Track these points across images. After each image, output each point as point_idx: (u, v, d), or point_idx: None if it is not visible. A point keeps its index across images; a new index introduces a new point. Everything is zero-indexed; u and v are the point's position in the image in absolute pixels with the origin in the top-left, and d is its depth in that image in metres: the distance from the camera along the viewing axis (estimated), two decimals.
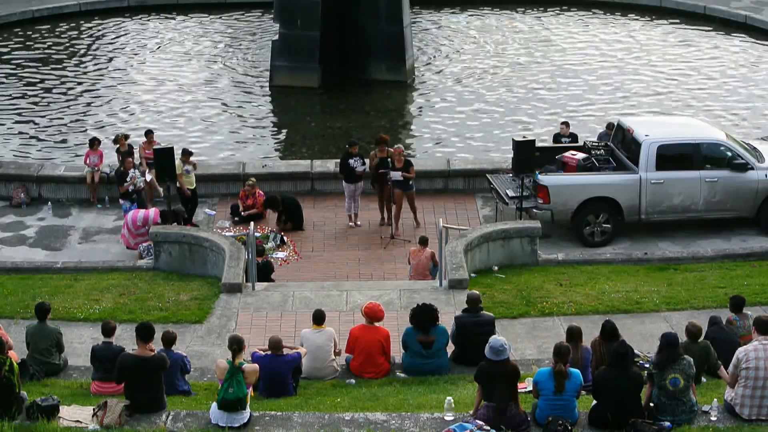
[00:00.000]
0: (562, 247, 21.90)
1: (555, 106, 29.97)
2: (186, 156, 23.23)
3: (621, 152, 22.82)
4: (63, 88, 31.59)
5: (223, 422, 12.44)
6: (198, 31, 36.98)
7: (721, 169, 22.27)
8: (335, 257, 22.07)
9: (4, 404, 12.36)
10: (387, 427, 12.47)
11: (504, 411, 12.29)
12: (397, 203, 22.76)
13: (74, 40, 35.94)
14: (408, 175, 22.62)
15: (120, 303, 18.84)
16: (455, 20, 37.73)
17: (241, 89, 31.50)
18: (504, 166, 24.09)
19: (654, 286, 19.40)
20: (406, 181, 22.64)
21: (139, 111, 29.96)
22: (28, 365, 15.25)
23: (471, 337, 15.54)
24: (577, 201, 22.05)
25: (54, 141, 27.98)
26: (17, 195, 24.26)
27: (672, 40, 35.61)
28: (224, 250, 19.97)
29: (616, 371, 12.42)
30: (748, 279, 19.63)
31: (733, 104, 30.24)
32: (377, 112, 30.11)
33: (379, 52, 31.25)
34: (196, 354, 16.76)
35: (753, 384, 12.43)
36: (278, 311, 18.63)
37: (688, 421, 12.47)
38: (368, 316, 15.86)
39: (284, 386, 14.68)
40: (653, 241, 22.21)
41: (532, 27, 36.96)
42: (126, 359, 13.25)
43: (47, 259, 21.67)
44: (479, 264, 20.44)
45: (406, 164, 22.74)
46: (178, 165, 22.54)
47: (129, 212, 22.39)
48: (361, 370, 15.75)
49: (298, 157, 26.82)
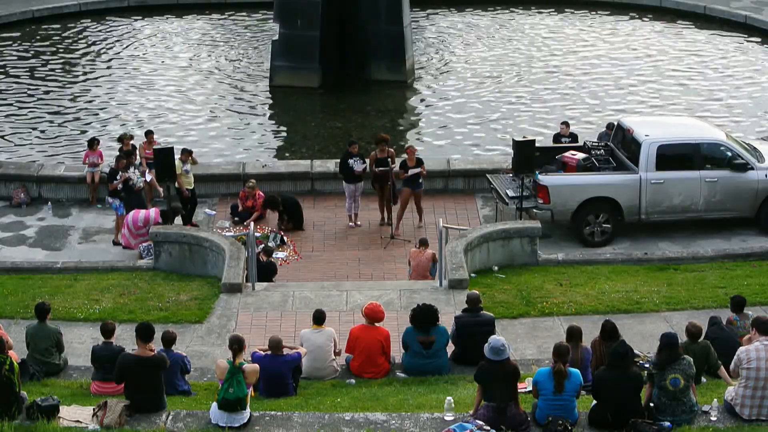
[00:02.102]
0: (562, 247, 21.90)
1: (555, 106, 29.96)
2: (185, 155, 23.21)
3: (621, 152, 22.81)
4: (63, 88, 31.58)
5: (223, 422, 12.45)
6: (198, 30, 36.98)
7: (721, 169, 22.27)
8: (335, 257, 22.06)
9: (4, 404, 12.36)
10: (387, 427, 12.48)
11: (504, 411, 12.29)
12: (403, 201, 22.82)
13: (74, 40, 35.94)
14: (424, 171, 22.82)
15: (120, 303, 18.84)
16: (455, 20, 37.72)
17: (241, 89, 31.49)
18: (504, 166, 24.09)
19: (654, 286, 19.40)
20: (416, 180, 22.74)
21: (139, 111, 29.95)
22: (28, 365, 15.25)
23: (471, 337, 15.53)
24: (577, 201, 22.04)
25: (54, 141, 27.96)
26: (17, 195, 24.26)
27: (672, 40, 35.60)
28: (224, 250, 19.97)
29: (616, 371, 12.42)
30: (748, 279, 19.63)
31: (732, 104, 30.24)
32: (377, 112, 30.11)
33: (379, 52, 31.24)
34: (196, 354, 16.76)
35: (753, 384, 12.44)
36: (278, 311, 18.64)
37: (688, 421, 12.47)
38: (368, 317, 15.86)
39: (284, 386, 14.68)
40: (653, 241, 22.21)
41: (532, 27, 36.95)
42: (126, 359, 13.26)
43: (47, 259, 21.66)
44: (479, 264, 20.44)
45: (418, 163, 22.89)
46: (178, 165, 22.52)
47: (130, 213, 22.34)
48: (361, 370, 15.75)
49: (298, 157, 26.81)
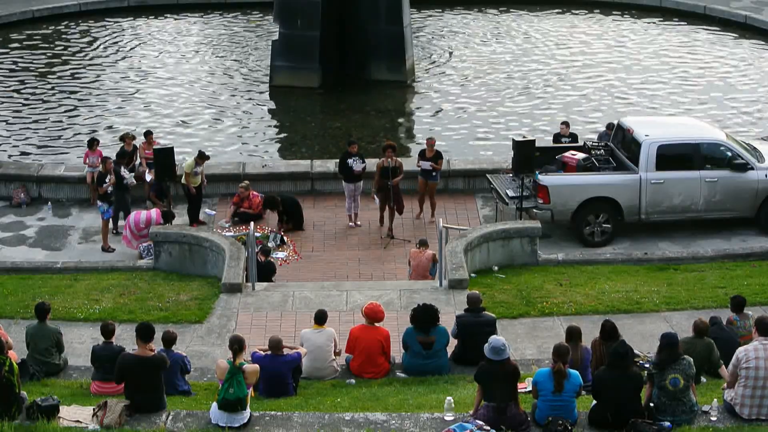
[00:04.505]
0: (562, 247, 21.90)
1: (555, 106, 29.96)
2: (201, 159, 23.31)
3: (621, 152, 22.82)
4: (63, 87, 31.57)
5: (223, 422, 12.44)
6: (198, 30, 36.98)
7: (721, 169, 22.27)
8: (335, 257, 22.07)
9: (4, 404, 12.35)
10: (387, 427, 12.47)
11: (504, 411, 12.29)
12: (420, 189, 23.28)
13: (74, 40, 35.93)
14: (436, 166, 23.06)
15: (120, 303, 18.85)
16: (455, 20, 37.72)
17: (241, 89, 31.49)
18: (504, 166, 24.10)
19: (654, 286, 19.40)
20: (431, 172, 22.99)
21: (139, 111, 29.95)
22: (28, 365, 15.25)
23: (472, 337, 15.52)
24: (577, 201, 22.04)
25: (54, 141, 27.97)
26: (17, 195, 24.26)
27: (671, 40, 35.59)
28: (224, 250, 19.97)
29: (616, 371, 12.41)
30: (748, 279, 19.63)
31: (732, 104, 30.23)
32: (377, 112, 30.11)
33: (379, 52, 31.24)
34: (196, 354, 16.76)
35: (753, 384, 12.43)
36: (278, 311, 18.64)
37: (688, 421, 12.47)
38: (368, 317, 15.86)
39: (284, 386, 14.68)
40: (653, 241, 22.21)
41: (532, 27, 36.94)
42: (126, 359, 13.25)
43: (47, 259, 21.67)
44: (479, 264, 20.44)
45: (437, 155, 23.15)
46: (190, 164, 22.95)
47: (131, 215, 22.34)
48: (361, 370, 15.76)
49: (298, 157, 26.81)
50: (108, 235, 22.48)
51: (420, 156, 23.32)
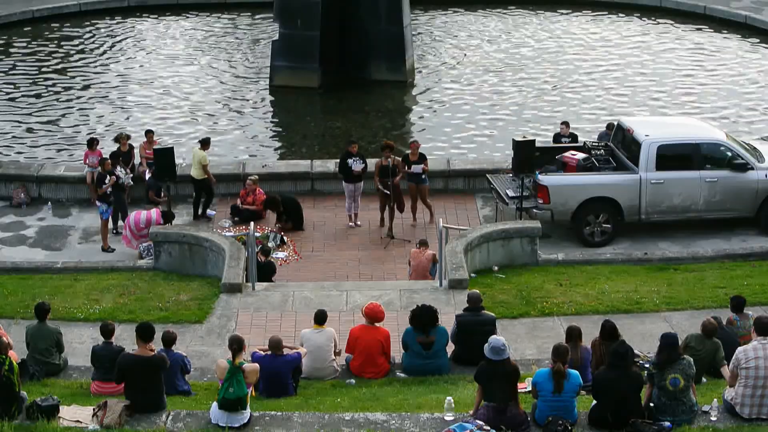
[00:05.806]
0: (562, 247, 21.90)
1: (555, 106, 29.96)
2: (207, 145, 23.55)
3: (621, 152, 22.81)
4: (63, 87, 31.57)
5: (224, 422, 12.44)
6: (198, 30, 36.97)
7: (721, 169, 22.27)
8: (335, 257, 22.06)
9: (4, 404, 12.36)
10: (387, 427, 12.47)
11: (504, 411, 12.29)
12: (411, 196, 23.06)
13: (74, 40, 35.92)
14: (426, 168, 22.97)
15: (120, 303, 18.85)
16: (455, 20, 37.72)
17: (241, 89, 31.50)
18: (504, 166, 24.10)
19: (654, 286, 19.40)
20: (419, 175, 22.86)
21: (139, 111, 29.95)
22: (28, 365, 15.26)
23: (472, 336, 15.52)
24: (577, 201, 22.04)
25: (54, 141, 27.96)
26: (17, 195, 24.26)
27: (672, 40, 35.58)
28: (224, 250, 19.97)
29: (616, 371, 12.41)
30: (748, 279, 19.63)
31: (732, 104, 30.23)
32: (377, 112, 30.11)
33: (379, 52, 31.24)
34: (196, 354, 16.75)
35: (753, 384, 12.44)
36: (278, 311, 18.63)
37: (688, 421, 12.47)
38: (368, 317, 15.86)
39: (284, 386, 14.69)
40: (653, 241, 22.20)
41: (532, 27, 36.93)
42: (126, 359, 13.26)
43: (47, 259, 21.66)
44: (479, 264, 20.44)
45: (421, 158, 23.01)
46: (204, 156, 23.20)
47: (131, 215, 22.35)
48: (361, 370, 15.76)
49: (298, 157, 26.81)
50: (108, 235, 22.49)
51: (404, 160, 22.99)
